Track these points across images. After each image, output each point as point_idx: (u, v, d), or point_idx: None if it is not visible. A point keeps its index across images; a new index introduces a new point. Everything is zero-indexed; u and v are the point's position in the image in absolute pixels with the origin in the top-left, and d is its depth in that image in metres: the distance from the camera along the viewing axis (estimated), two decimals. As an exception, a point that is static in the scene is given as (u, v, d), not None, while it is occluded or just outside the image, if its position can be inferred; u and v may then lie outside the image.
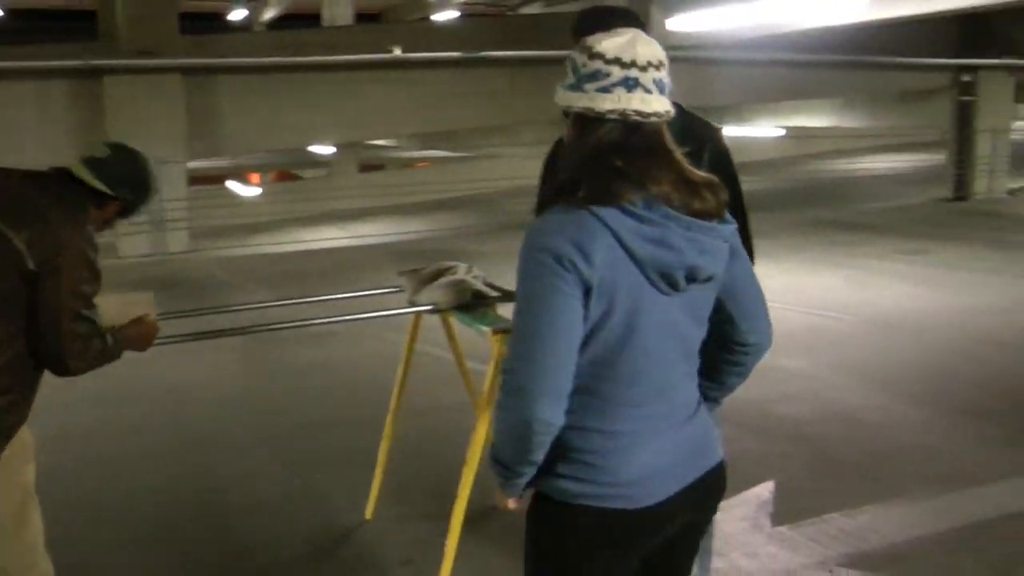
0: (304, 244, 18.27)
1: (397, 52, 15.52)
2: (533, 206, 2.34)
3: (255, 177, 32.96)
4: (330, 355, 8.35)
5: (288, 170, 37.62)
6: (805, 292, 10.32)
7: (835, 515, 4.78)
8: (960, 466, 5.51)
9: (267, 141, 17.56)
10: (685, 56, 16.91)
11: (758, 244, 3.30)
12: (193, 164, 16.61)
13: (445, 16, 24.33)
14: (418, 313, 4.35)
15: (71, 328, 2.89)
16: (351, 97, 16.47)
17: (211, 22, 30.13)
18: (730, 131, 24.88)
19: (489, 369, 3.73)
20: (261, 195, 25.41)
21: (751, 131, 26.35)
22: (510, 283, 4.26)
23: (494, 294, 4.11)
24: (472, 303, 4.06)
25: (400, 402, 4.77)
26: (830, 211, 18.20)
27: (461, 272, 4.23)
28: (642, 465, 2.07)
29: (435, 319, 4.42)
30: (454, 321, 4.41)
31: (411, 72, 16.52)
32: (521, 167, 30.28)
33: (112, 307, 3.35)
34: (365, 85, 16.45)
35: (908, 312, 9.52)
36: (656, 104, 2.04)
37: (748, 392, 2.93)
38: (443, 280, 4.12)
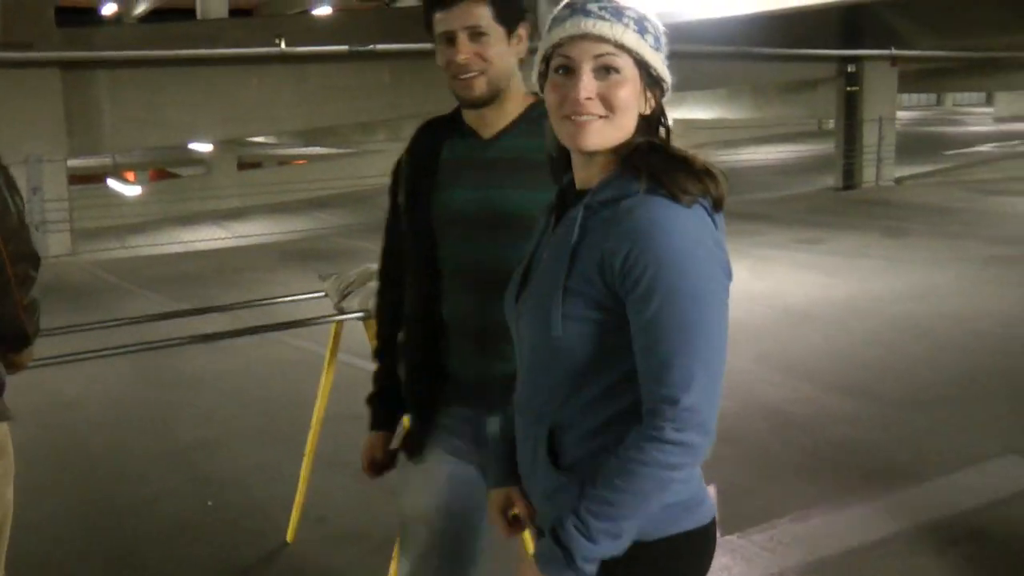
0: (188, 245, 17.68)
1: (283, 46, 14.98)
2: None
3: (131, 175, 31.93)
4: (228, 362, 7.89)
5: (165, 168, 36.61)
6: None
7: (784, 520, 4.58)
8: (899, 460, 5.38)
9: (148, 137, 16.89)
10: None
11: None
12: (72, 162, 15.82)
13: (321, 10, 23.83)
14: (343, 321, 4.03)
15: (21, 297, 2.57)
16: (233, 92, 15.92)
17: (83, 15, 29.03)
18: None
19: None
20: (141, 194, 24.52)
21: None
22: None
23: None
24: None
25: (322, 415, 4.41)
26: (721, 202, 18.22)
27: (393, 275, 3.89)
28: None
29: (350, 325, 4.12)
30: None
31: (295, 66, 16.04)
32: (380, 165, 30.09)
33: None
34: (248, 80, 15.92)
35: (819, 301, 9.47)
36: None
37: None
38: (375, 284, 3.78)
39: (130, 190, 23.43)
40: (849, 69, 21.09)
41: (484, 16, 2.28)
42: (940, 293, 9.69)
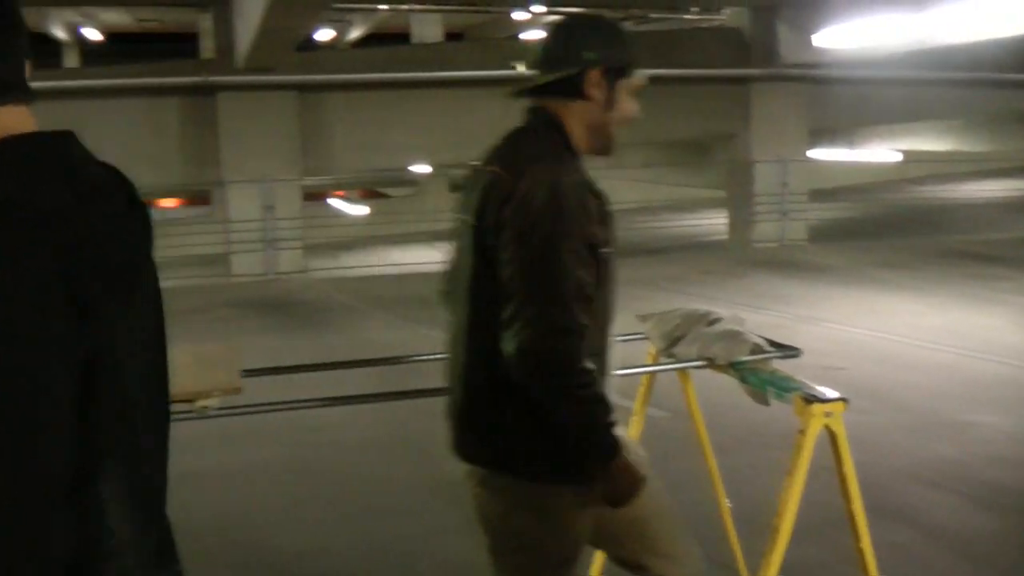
0: (413, 266, 17.85)
1: (520, 68, 14.85)
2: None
3: (340, 194, 32.67)
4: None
5: (376, 188, 37.37)
6: (971, 334, 9.45)
7: None
8: None
9: (375, 159, 17.13)
10: (801, 75, 16.28)
11: (897, 275, 2.55)
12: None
13: (530, 34, 23.75)
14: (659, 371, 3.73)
15: None
16: (460, 116, 15.95)
17: (311, 40, 29.91)
18: (840, 155, 24.34)
19: (803, 447, 3.04)
20: (360, 214, 25.00)
21: (863, 155, 25.41)
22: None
23: (770, 349, 3.45)
24: (747, 360, 3.40)
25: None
26: (954, 240, 17.24)
27: (728, 320, 3.57)
28: None
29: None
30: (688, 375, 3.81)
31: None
32: (618, 191, 29.79)
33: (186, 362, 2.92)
34: (476, 103, 15.92)
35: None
36: None
37: (943, 451, 2.26)
38: (715, 330, 3.47)
39: (355, 209, 23.88)
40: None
41: None
42: None
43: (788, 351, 3.50)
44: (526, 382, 2.32)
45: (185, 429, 5.50)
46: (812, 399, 3.01)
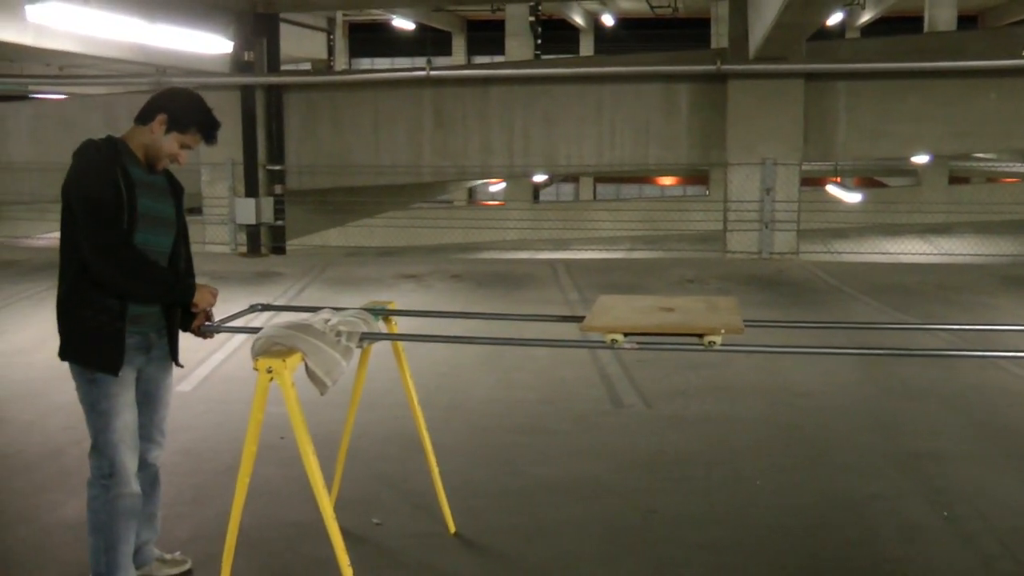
0: (895, 256, 17.93)
1: (1029, 58, 14.44)
2: None
3: (836, 181, 32.50)
4: (952, 380, 7.99)
5: (874, 177, 36.77)
6: None
7: None
8: None
9: (877, 149, 17.26)
10: None
11: None
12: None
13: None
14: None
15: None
16: (966, 106, 15.72)
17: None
18: None
19: None
20: (859, 202, 25.00)
21: None
22: None
23: None
24: None
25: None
26: None
27: None
28: None
29: None
30: None
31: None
32: None
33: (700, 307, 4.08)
34: (985, 93, 15.59)
35: None
36: None
37: None
38: None
39: (851, 196, 23.96)
40: None
41: None
42: None
43: None
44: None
45: (694, 379, 6.57)
46: None
